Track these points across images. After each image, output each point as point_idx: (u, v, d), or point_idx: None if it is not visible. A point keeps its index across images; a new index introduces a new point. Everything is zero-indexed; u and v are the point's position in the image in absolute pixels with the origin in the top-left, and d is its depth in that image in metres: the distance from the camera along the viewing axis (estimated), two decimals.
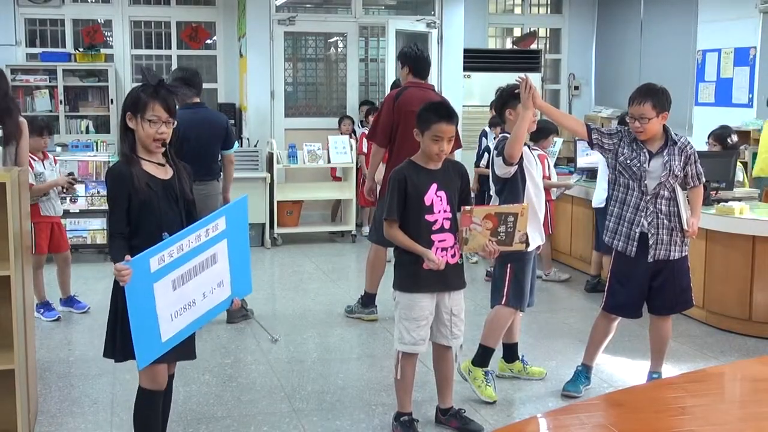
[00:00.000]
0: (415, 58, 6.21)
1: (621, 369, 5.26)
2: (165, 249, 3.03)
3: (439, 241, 4.00)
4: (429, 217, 3.99)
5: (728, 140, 7.01)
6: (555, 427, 4.38)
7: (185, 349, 3.38)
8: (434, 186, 4.01)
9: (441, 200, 4.01)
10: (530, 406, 4.66)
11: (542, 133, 7.56)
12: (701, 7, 9.99)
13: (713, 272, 6.15)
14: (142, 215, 3.24)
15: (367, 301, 6.34)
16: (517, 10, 13.01)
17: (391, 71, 10.47)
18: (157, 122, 3.26)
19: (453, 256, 4.04)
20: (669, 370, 5.21)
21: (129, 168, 3.25)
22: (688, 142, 4.70)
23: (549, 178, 7.40)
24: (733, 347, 5.74)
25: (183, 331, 3.20)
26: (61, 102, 10.53)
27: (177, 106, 3.44)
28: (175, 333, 3.15)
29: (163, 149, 3.34)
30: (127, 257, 3.00)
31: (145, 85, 3.32)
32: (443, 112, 4.03)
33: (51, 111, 10.58)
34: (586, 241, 7.56)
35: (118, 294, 3.21)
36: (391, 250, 6.09)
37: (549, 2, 13.01)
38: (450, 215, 4.03)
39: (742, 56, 9.38)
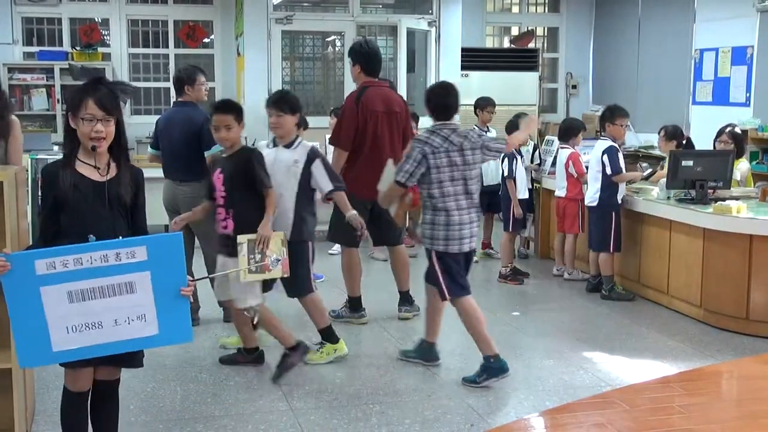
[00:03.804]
0: (366, 55, 6.08)
1: (618, 368, 5.26)
2: (57, 256, 3.02)
3: (218, 214, 4.88)
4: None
5: (742, 140, 7.02)
6: (553, 425, 4.39)
7: (125, 355, 3.29)
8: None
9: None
10: (527, 404, 4.66)
11: (570, 131, 7.58)
12: (699, 6, 10.00)
13: (710, 271, 6.15)
14: (69, 217, 3.23)
15: (354, 305, 6.25)
16: (515, 9, 13.03)
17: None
18: (92, 120, 3.18)
19: (225, 227, 4.86)
20: (666, 368, 5.22)
21: (58, 168, 3.23)
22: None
23: (583, 175, 7.40)
24: (730, 346, 5.74)
25: (87, 350, 3.14)
26: (58, 101, 10.50)
27: (122, 104, 3.34)
28: (74, 347, 3.10)
29: (103, 149, 3.24)
30: (6, 250, 3.06)
31: (85, 83, 3.26)
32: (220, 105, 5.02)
33: (48, 110, 10.57)
34: (585, 241, 7.55)
35: None
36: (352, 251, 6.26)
37: (546, 1, 13.03)
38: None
39: (739, 55, 9.39)
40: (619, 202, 6.85)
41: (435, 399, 4.68)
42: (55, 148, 9.20)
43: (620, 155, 6.83)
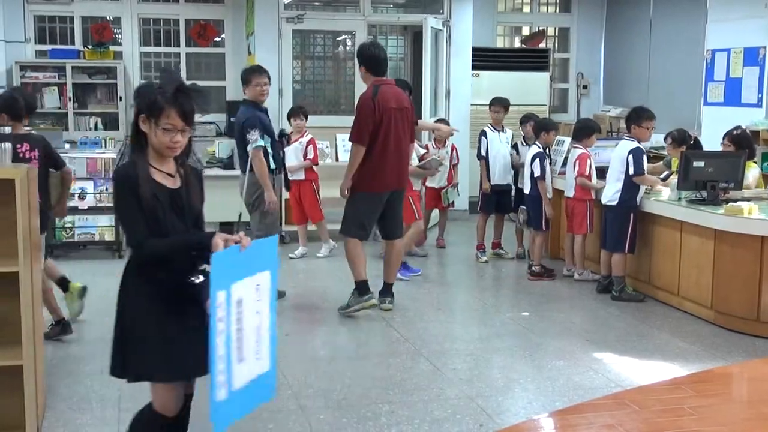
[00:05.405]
0: (369, 58, 6.35)
1: (628, 369, 5.25)
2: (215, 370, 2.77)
3: None
4: None
5: (745, 143, 6.97)
6: (562, 426, 4.38)
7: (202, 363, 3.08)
8: None
9: None
10: (537, 405, 4.65)
11: (584, 131, 7.54)
12: (710, 7, 9.95)
13: (721, 272, 6.12)
14: (148, 228, 3.01)
15: (361, 289, 6.37)
16: (526, 9, 13.00)
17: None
18: (172, 131, 3.00)
19: None
20: (677, 370, 5.20)
21: (136, 173, 3.00)
22: None
23: (590, 178, 7.35)
24: (740, 348, 5.72)
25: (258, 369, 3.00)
26: (69, 99, 10.54)
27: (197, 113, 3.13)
28: (252, 378, 2.96)
29: (175, 155, 3.10)
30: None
31: (162, 87, 3.03)
32: None
33: (59, 108, 10.60)
34: (596, 241, 7.53)
35: (126, 309, 3.10)
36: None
37: (558, 1, 12.99)
38: None
39: (751, 56, 9.35)
40: (638, 203, 6.83)
41: (444, 399, 4.68)
42: (67, 146, 9.24)
43: (645, 157, 6.82)
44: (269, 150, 6.45)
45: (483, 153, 8.36)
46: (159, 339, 3.03)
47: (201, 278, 3.02)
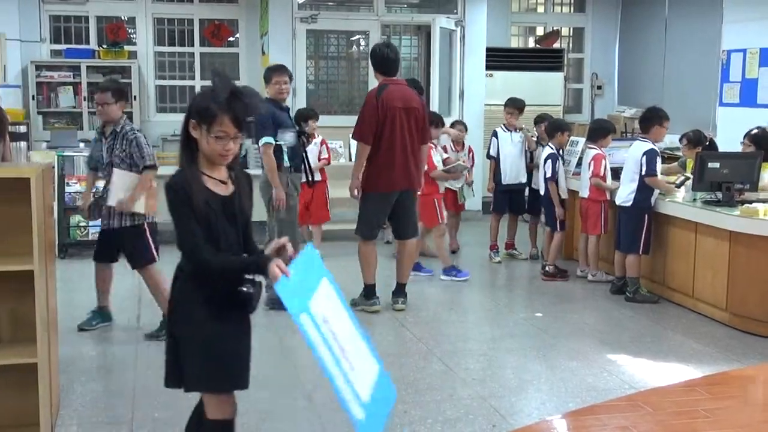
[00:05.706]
0: (379, 59, 6.39)
1: (642, 371, 5.22)
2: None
3: None
4: None
5: (764, 143, 6.93)
6: (576, 427, 4.36)
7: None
8: None
9: None
10: (550, 406, 4.64)
11: (599, 132, 7.51)
12: (726, 7, 9.90)
13: (737, 274, 6.09)
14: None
15: (368, 292, 6.46)
16: (540, 9, 12.97)
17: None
18: (225, 138, 2.89)
19: None
20: (691, 372, 5.18)
21: (189, 182, 2.91)
22: (131, 130, 5.63)
23: (604, 179, 7.33)
24: (756, 350, 5.68)
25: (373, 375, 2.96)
26: (84, 98, 10.59)
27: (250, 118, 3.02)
28: (372, 383, 2.92)
29: (227, 162, 3.02)
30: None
31: (216, 92, 2.90)
32: None
33: (74, 107, 10.66)
34: (609, 242, 7.50)
35: (174, 316, 3.06)
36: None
37: (572, 1, 12.96)
38: None
39: (767, 57, 9.30)
40: (653, 204, 6.80)
41: (457, 399, 4.67)
42: (81, 144, 9.28)
43: (659, 159, 6.78)
44: (283, 148, 6.44)
45: (492, 153, 8.40)
46: (208, 347, 2.97)
47: (251, 288, 2.97)
